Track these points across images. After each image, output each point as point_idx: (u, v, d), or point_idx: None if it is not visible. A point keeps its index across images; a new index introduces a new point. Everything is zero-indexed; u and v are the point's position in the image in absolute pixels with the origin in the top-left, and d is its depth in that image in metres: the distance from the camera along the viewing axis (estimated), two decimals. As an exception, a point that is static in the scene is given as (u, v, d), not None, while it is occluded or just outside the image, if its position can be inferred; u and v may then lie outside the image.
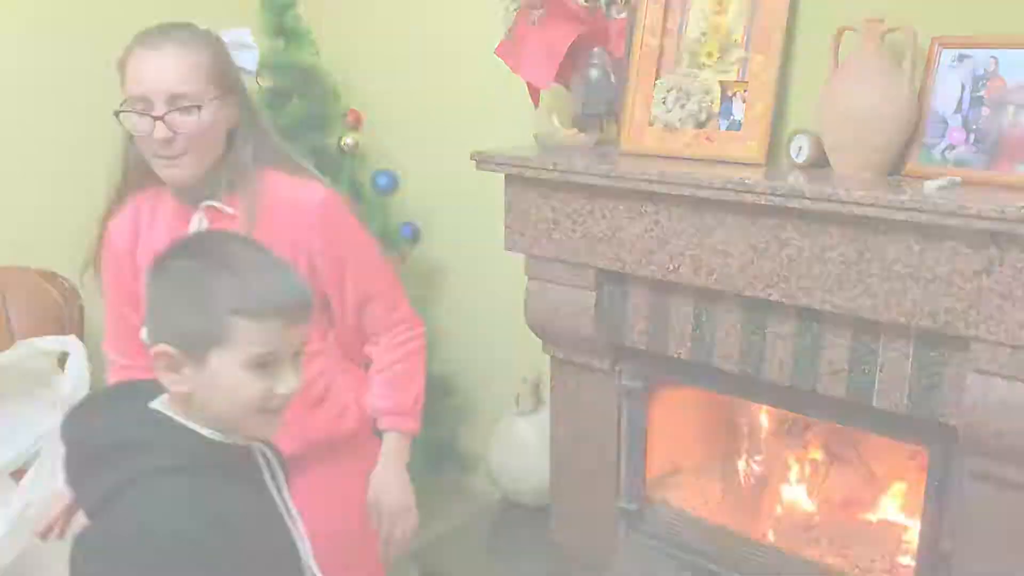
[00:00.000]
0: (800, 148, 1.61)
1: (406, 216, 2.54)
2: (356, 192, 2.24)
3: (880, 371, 1.52)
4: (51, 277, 2.05)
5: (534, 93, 2.05)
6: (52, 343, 1.76)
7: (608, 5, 1.90)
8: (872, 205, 1.39)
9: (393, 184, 2.35)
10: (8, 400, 1.75)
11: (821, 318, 1.56)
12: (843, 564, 1.85)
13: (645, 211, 1.68)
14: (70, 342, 1.70)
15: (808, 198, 1.44)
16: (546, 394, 2.27)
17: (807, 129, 1.61)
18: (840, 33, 1.54)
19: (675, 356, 1.75)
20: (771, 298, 1.56)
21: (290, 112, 2.12)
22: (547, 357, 2.04)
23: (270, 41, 2.16)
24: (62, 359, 1.81)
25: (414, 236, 2.40)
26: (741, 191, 1.51)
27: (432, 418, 2.43)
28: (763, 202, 1.50)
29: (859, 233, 1.45)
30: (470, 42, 2.30)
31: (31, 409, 1.74)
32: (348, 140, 2.22)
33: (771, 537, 1.94)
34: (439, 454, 2.41)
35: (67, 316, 2.03)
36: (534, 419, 2.21)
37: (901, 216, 1.37)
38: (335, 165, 2.20)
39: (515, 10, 1.98)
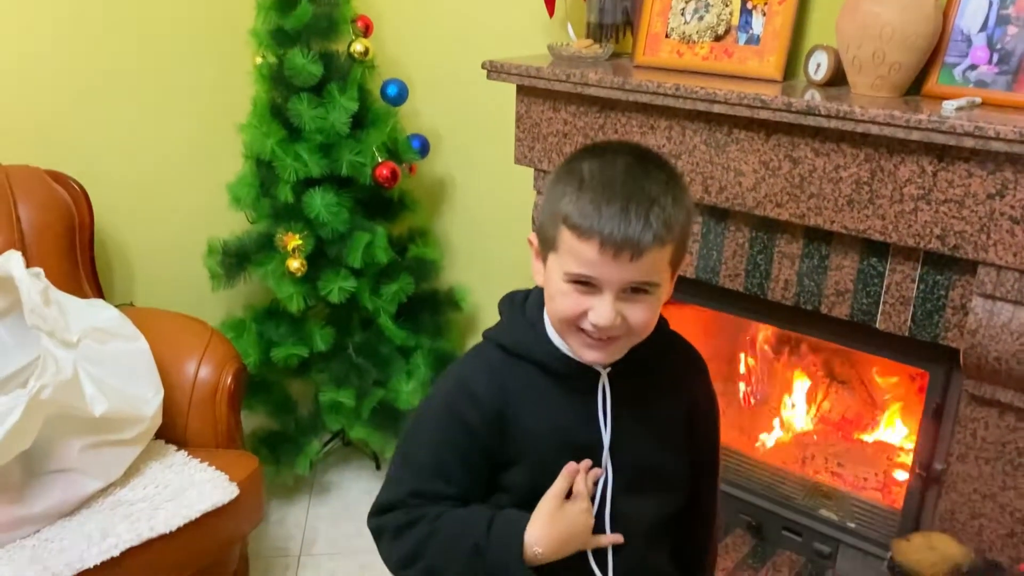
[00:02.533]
0: (819, 65, 1.57)
1: (416, 127, 2.51)
2: (365, 101, 2.20)
3: (885, 293, 1.52)
4: (61, 177, 2.05)
5: (549, 2, 2.00)
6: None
7: (628, -90, 1.83)
8: (888, 124, 1.36)
9: (403, 94, 2.31)
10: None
11: (829, 239, 1.56)
12: (836, 481, 1.89)
13: (658, 125, 1.66)
14: (12, 258, 1.68)
15: (823, 115, 1.42)
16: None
17: (826, 45, 1.57)
18: (867, -56, 1.48)
19: (681, 274, 1.75)
20: (780, 218, 1.55)
21: (297, 15, 2.07)
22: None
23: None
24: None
25: (423, 148, 2.38)
26: (756, 107, 1.49)
27: (439, 329, 2.47)
28: (778, 119, 1.47)
29: (873, 153, 1.43)
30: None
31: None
32: (358, 47, 2.17)
33: (767, 455, 1.99)
34: (445, 365, 2.44)
35: (77, 216, 2.03)
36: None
37: (917, 136, 1.35)
38: (344, 72, 2.16)
39: (532, -87, 1.91)
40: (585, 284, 1.02)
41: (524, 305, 1.16)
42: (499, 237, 2.48)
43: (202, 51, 2.36)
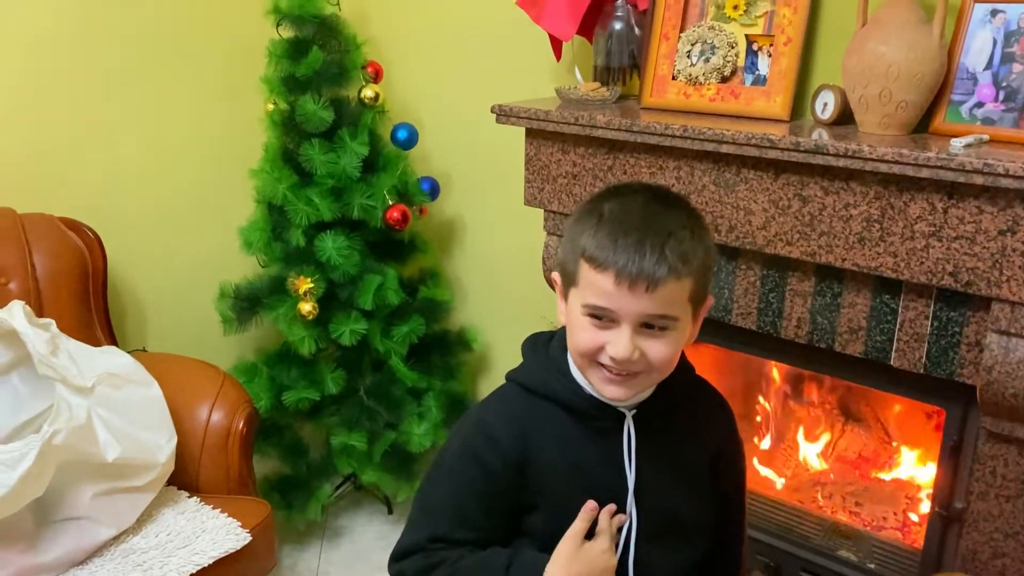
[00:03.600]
0: (825, 104, 1.59)
1: (426, 170, 2.54)
2: (376, 145, 2.23)
3: (899, 330, 1.51)
4: (75, 224, 2.07)
5: (556, 46, 2.03)
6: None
7: (633, -44, 1.87)
8: (897, 162, 1.37)
9: (413, 138, 2.34)
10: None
11: (841, 276, 1.55)
12: (854, 520, 1.87)
13: (667, 166, 1.67)
14: (14, 310, 1.69)
15: (832, 154, 1.43)
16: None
17: (833, 85, 1.59)
18: (870, -14, 1.50)
19: (693, 313, 1.75)
20: (791, 256, 1.55)
21: (308, 63, 2.11)
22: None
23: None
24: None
25: (433, 190, 2.40)
26: (764, 147, 1.50)
27: (451, 370, 2.46)
28: (786, 158, 1.48)
29: (883, 190, 1.43)
30: (492, -7, 2.27)
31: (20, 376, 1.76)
32: (368, 92, 2.21)
33: (783, 494, 1.96)
34: (457, 406, 2.43)
35: (90, 263, 2.05)
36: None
37: (926, 174, 1.35)
38: (354, 117, 2.19)
39: (538, -40, 1.94)
40: (603, 318, 1.02)
41: (548, 345, 1.16)
42: (509, 277, 2.49)
43: (214, 98, 2.40)
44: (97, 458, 1.60)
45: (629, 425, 1.10)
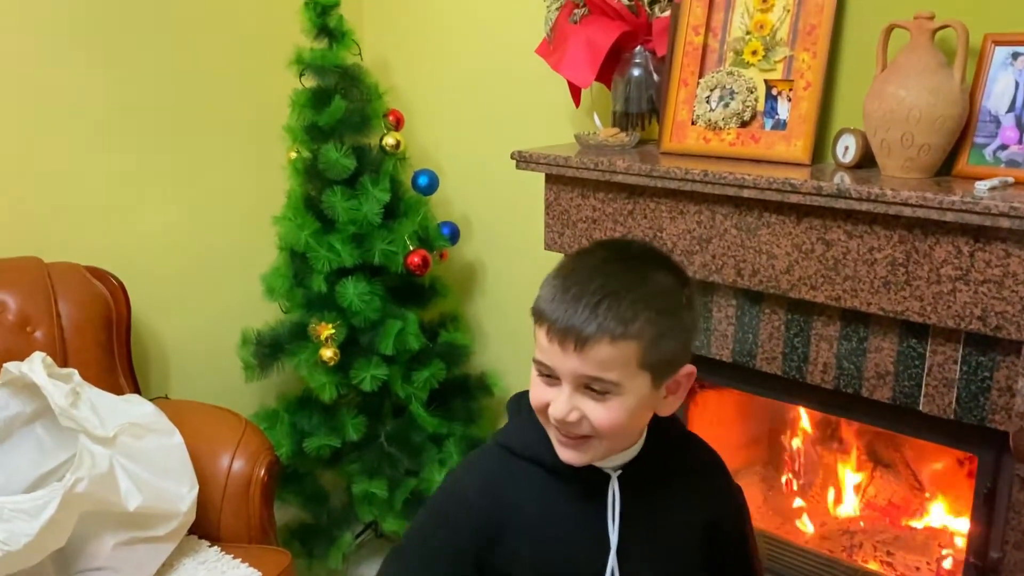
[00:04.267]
0: (846, 148, 1.58)
1: (446, 215, 2.55)
2: (397, 192, 2.25)
3: (927, 375, 1.49)
4: (100, 273, 2.10)
5: (575, 92, 2.05)
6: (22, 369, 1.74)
7: (651, 3, 1.89)
8: (921, 206, 1.36)
9: (434, 184, 2.36)
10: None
11: (867, 321, 1.54)
12: (887, 570, 1.82)
13: (687, 211, 1.67)
14: (34, 364, 1.71)
15: (854, 198, 1.42)
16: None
17: (853, 128, 1.58)
18: (889, 30, 1.51)
19: (716, 358, 1.74)
20: (816, 300, 1.54)
21: (331, 112, 2.14)
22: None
23: (312, 41, 2.18)
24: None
25: (454, 235, 2.41)
26: (786, 191, 1.49)
27: (472, 415, 2.45)
28: (808, 202, 1.48)
29: (907, 235, 1.42)
30: (510, 42, 2.31)
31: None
32: (389, 140, 2.23)
33: (812, 542, 1.92)
34: (477, 452, 2.41)
35: (115, 311, 2.07)
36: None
37: (951, 217, 1.34)
38: (376, 164, 2.21)
39: (557, 9, 1.97)
40: (549, 375, 1.00)
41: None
42: (530, 321, 2.48)
43: (238, 147, 2.44)
44: (119, 507, 1.60)
45: (614, 487, 1.06)
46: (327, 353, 2.14)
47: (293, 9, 2.20)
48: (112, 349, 2.07)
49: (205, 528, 1.82)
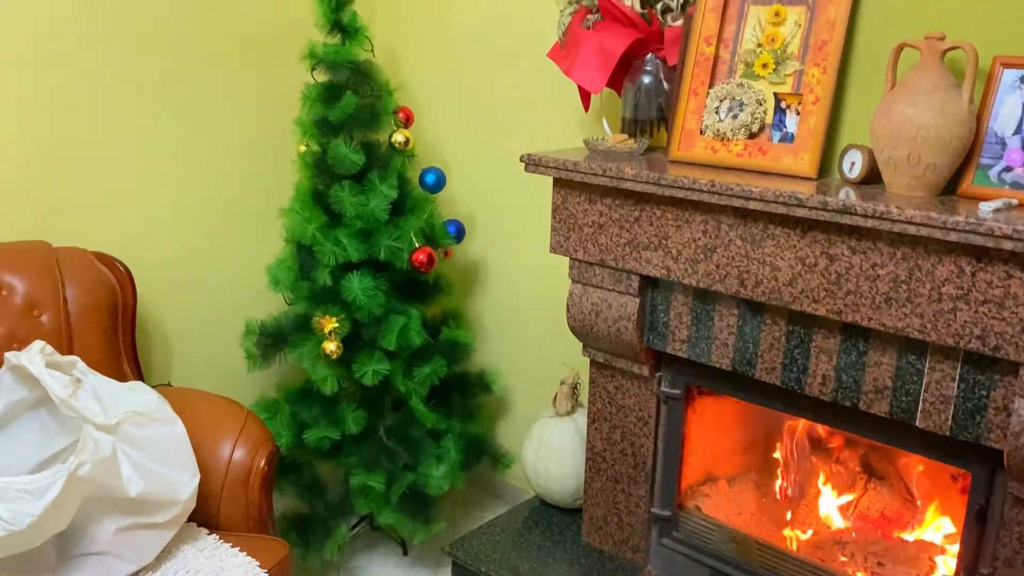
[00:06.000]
0: (853, 164, 1.60)
1: (452, 212, 2.57)
2: (404, 188, 2.26)
3: (925, 391, 1.51)
4: (107, 259, 2.11)
5: (585, 97, 2.06)
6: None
7: (664, 12, 1.90)
8: (925, 225, 1.38)
9: (441, 182, 2.37)
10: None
11: (867, 335, 1.55)
12: (877, 582, 1.84)
13: (693, 220, 1.69)
14: (33, 354, 1.75)
15: (860, 215, 1.44)
16: (583, 397, 2.29)
17: (860, 144, 1.60)
18: (899, 49, 1.52)
19: (716, 366, 1.75)
20: (817, 313, 1.56)
21: (342, 107, 2.15)
22: (586, 360, 2.05)
23: (326, 36, 2.20)
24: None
25: (459, 233, 2.43)
26: (792, 205, 1.51)
27: (470, 412, 2.47)
28: (814, 216, 1.49)
29: (910, 252, 1.44)
30: (521, 44, 2.32)
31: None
32: (398, 137, 2.25)
33: (804, 550, 1.94)
34: (476, 449, 2.43)
35: (121, 297, 2.08)
36: (569, 422, 2.23)
37: (954, 237, 1.36)
38: (384, 161, 2.23)
39: (570, 14, 1.99)
40: None
41: None
42: (531, 320, 2.50)
43: (249, 139, 2.45)
44: (120, 492, 1.61)
45: None
46: (330, 346, 2.16)
47: (307, 3, 2.21)
48: (117, 335, 2.08)
49: (204, 516, 1.84)
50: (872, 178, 1.59)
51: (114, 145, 2.20)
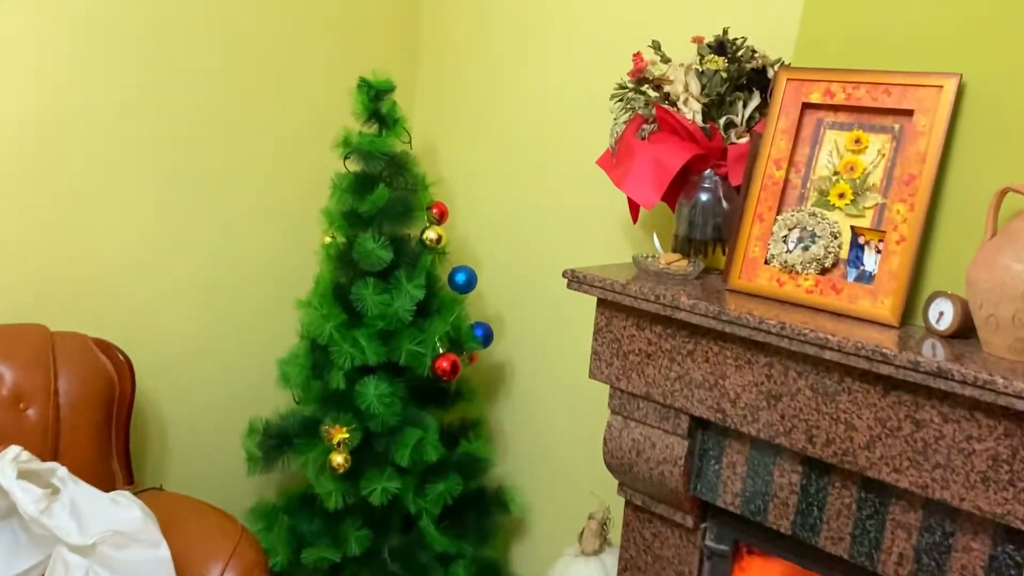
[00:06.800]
0: (941, 314, 1.42)
1: (480, 312, 2.40)
2: (432, 288, 2.10)
3: (1022, 587, 1.30)
4: (107, 346, 1.95)
5: (634, 208, 1.91)
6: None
7: (727, 127, 1.76)
8: (1036, 401, 1.19)
9: (472, 282, 2.22)
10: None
11: (955, 515, 1.35)
12: None
13: (756, 361, 1.51)
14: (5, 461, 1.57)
15: (957, 381, 1.26)
16: (613, 536, 2.08)
17: (950, 293, 1.43)
18: (1003, 193, 1.36)
19: (774, 527, 1.55)
20: (898, 484, 1.36)
21: (373, 200, 2.02)
22: (620, 498, 1.85)
23: (362, 125, 2.07)
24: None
25: (487, 337, 2.26)
26: (876, 360, 1.33)
27: (485, 534, 2.26)
28: (900, 376, 1.31)
29: (1015, 428, 1.25)
30: (568, 145, 2.19)
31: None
32: (431, 235, 2.10)
33: None
34: (488, 574, 2.22)
35: (118, 388, 1.92)
36: (596, 563, 2.01)
37: (1071, 419, 1.17)
38: (413, 258, 2.08)
39: (624, 122, 1.85)
40: None
41: None
42: (559, 437, 2.31)
43: (267, 225, 2.31)
44: (90, 629, 1.42)
45: None
46: (338, 459, 1.97)
47: (344, 89, 2.09)
48: (109, 431, 1.91)
49: (183, 651, 1.63)
50: (964, 331, 1.41)
51: (121, 225, 2.06)
